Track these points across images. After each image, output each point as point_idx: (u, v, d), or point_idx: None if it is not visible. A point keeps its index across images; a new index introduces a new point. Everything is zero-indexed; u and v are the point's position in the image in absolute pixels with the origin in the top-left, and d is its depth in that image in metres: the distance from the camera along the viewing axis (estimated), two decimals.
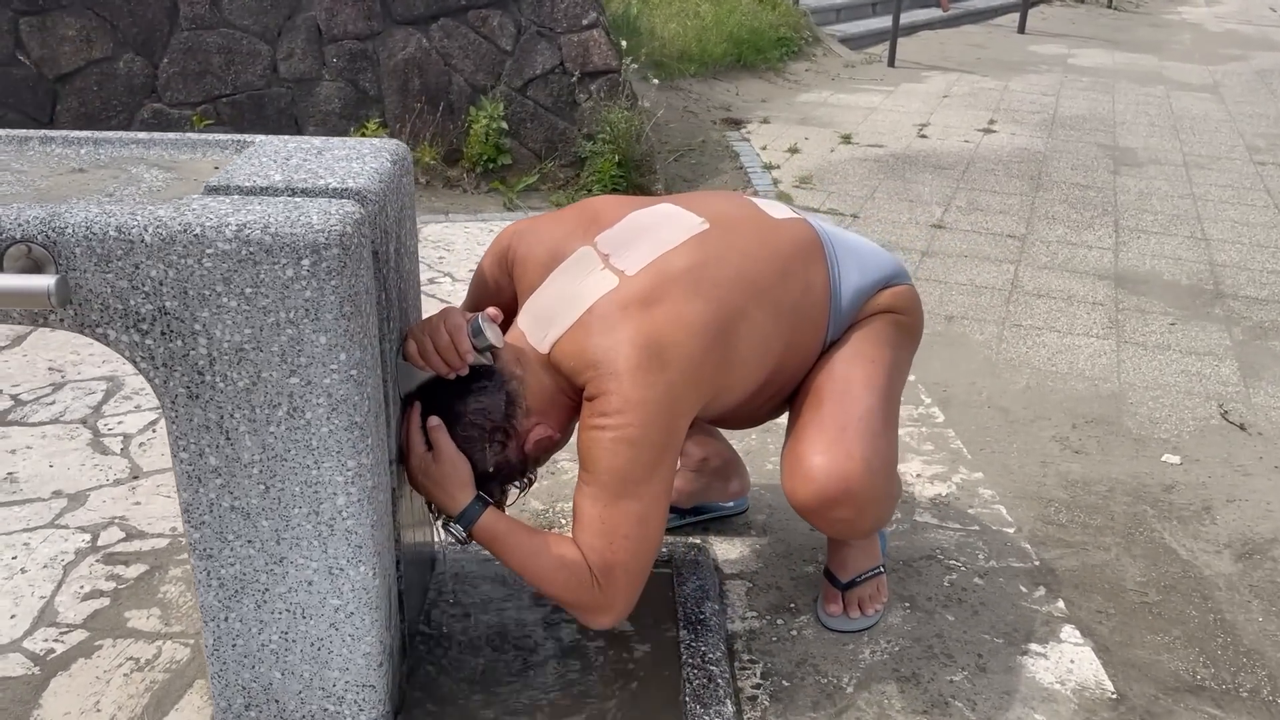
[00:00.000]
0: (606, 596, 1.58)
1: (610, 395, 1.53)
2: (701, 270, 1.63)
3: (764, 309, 1.66)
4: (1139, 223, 4.50)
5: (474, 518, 1.60)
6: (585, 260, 1.67)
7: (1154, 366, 3.12)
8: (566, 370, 1.60)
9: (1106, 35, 9.99)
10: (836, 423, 1.69)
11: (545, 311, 1.65)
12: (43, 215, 1.28)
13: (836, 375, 1.74)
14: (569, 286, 1.65)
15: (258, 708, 1.58)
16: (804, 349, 1.76)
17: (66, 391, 2.70)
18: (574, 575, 1.57)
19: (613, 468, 1.55)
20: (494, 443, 1.60)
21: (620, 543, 1.56)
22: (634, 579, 1.59)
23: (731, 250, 1.68)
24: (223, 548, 1.47)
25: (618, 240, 1.69)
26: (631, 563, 1.58)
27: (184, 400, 1.38)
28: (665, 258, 1.64)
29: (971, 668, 1.85)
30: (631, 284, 1.61)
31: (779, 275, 1.70)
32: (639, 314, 1.57)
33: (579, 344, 1.58)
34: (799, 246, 1.75)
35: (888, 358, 1.78)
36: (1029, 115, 6.47)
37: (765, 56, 7.25)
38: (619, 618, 1.62)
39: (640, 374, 1.53)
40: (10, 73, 4.31)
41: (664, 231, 1.69)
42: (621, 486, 1.55)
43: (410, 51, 4.63)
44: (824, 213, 4.49)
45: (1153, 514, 2.37)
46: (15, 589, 1.97)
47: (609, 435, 1.53)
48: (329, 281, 1.32)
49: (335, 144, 1.64)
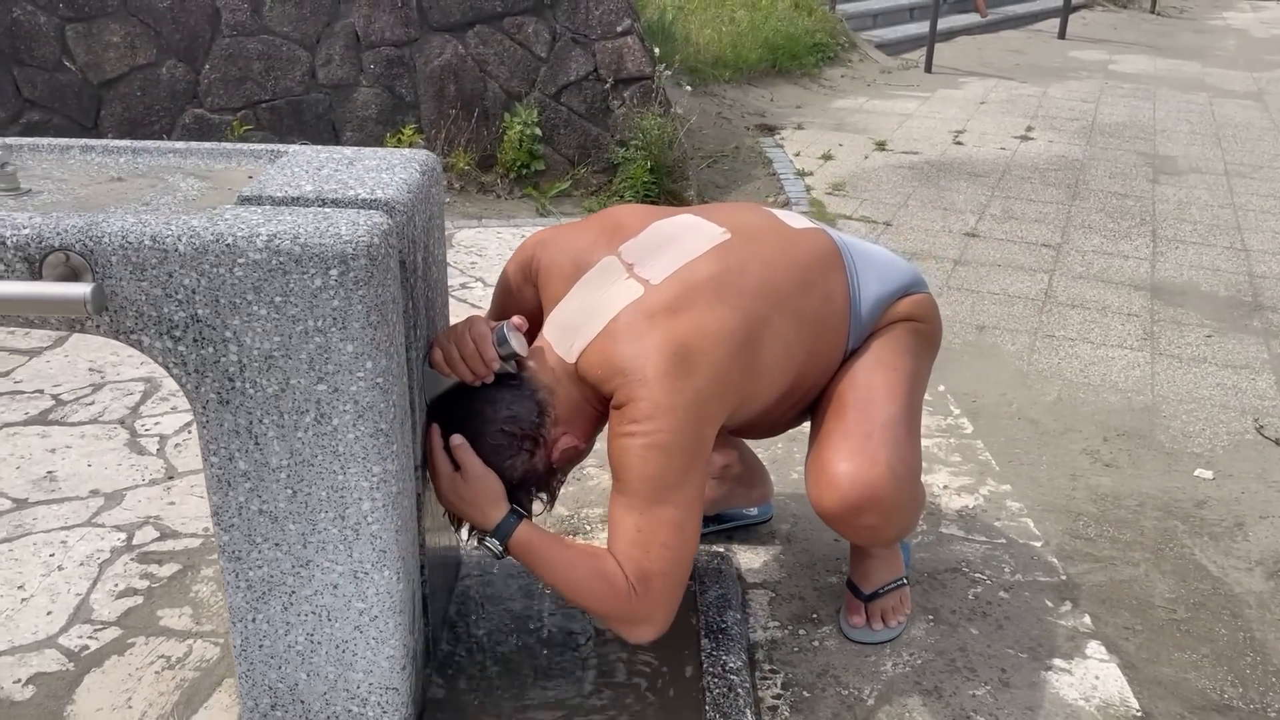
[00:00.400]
0: (646, 607, 1.56)
1: (639, 402, 1.54)
2: (724, 279, 1.64)
3: (786, 317, 1.67)
4: (1177, 232, 4.44)
5: (509, 532, 1.59)
6: (610, 270, 1.68)
7: (1189, 379, 3.09)
8: (593, 379, 1.62)
9: (1149, 41, 9.87)
10: (861, 430, 1.69)
11: (571, 321, 1.66)
12: (81, 224, 1.32)
13: (859, 383, 1.75)
14: (594, 296, 1.66)
15: (284, 708, 1.61)
16: (825, 358, 1.77)
17: (106, 392, 2.76)
18: (611, 586, 1.56)
19: (645, 475, 1.55)
20: (523, 451, 1.61)
21: (658, 550, 1.55)
22: (673, 587, 1.58)
23: (753, 259, 1.69)
24: (251, 550, 1.50)
25: (641, 250, 1.70)
26: (670, 570, 1.56)
27: (215, 405, 1.41)
28: (689, 267, 1.65)
29: (994, 682, 1.85)
30: (657, 293, 1.62)
31: (800, 284, 1.71)
32: (665, 322, 1.58)
33: (606, 352, 1.60)
34: (818, 256, 1.76)
35: (909, 365, 1.78)
36: (1067, 122, 6.41)
37: (801, 62, 7.24)
38: (660, 629, 1.59)
39: (669, 380, 1.54)
40: (56, 78, 4.40)
41: (687, 241, 1.70)
42: (656, 494, 1.55)
43: (446, 58, 4.68)
44: (856, 220, 4.48)
45: (1183, 529, 2.34)
46: (52, 586, 2.02)
47: (640, 443, 1.54)
48: (356, 291, 1.35)
49: (366, 154, 1.67)
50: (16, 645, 1.87)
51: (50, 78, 4.39)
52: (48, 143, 1.71)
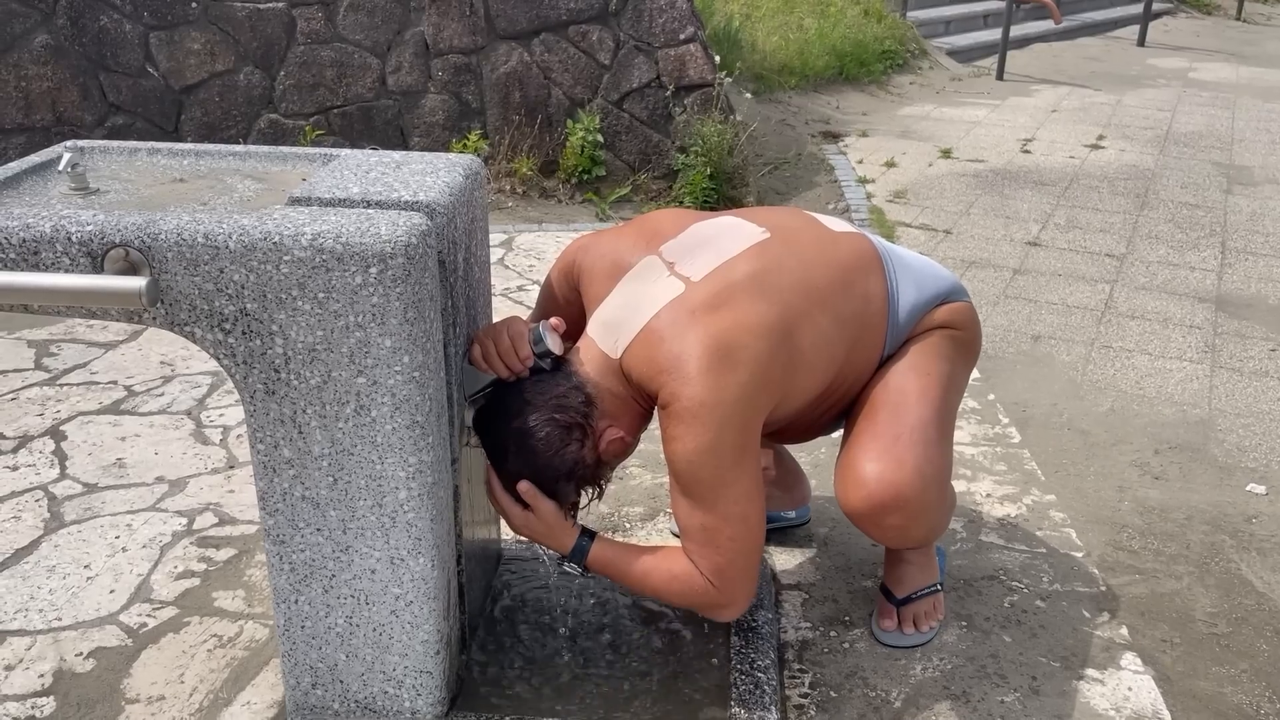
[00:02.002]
0: (724, 595, 1.66)
1: (683, 400, 1.58)
2: (764, 276, 1.68)
3: (826, 315, 1.70)
4: (1248, 244, 4.34)
5: (585, 553, 1.71)
6: (651, 268, 1.73)
7: (1249, 393, 3.03)
8: (638, 377, 1.66)
9: (1232, 49, 9.62)
10: (890, 432, 1.71)
11: (614, 318, 1.71)
12: (140, 222, 1.40)
13: (891, 387, 1.77)
14: (636, 293, 1.71)
15: (324, 687, 1.68)
16: (863, 359, 1.79)
17: (175, 384, 2.88)
18: (687, 585, 1.66)
19: (701, 478, 1.60)
20: (572, 440, 1.65)
21: (726, 544, 1.63)
22: (746, 571, 1.66)
23: (792, 258, 1.72)
24: (294, 534, 1.57)
25: (682, 249, 1.74)
26: (740, 559, 1.64)
27: (261, 395, 1.48)
28: (729, 264, 1.69)
29: (1024, 690, 1.85)
30: (697, 289, 1.66)
31: (840, 284, 1.74)
32: (706, 318, 1.62)
33: (649, 350, 1.64)
34: (858, 258, 1.78)
35: (943, 370, 1.79)
36: (1140, 131, 6.29)
37: (869, 70, 7.22)
38: (744, 608, 1.70)
39: (711, 376, 1.58)
40: (140, 84, 4.59)
41: (726, 240, 1.74)
42: (714, 493, 1.61)
43: (512, 65, 4.77)
44: (915, 228, 4.46)
45: (1231, 544, 2.31)
46: (116, 566, 2.13)
47: (690, 446, 1.58)
48: (394, 289, 1.41)
49: (414, 158, 1.74)
50: (80, 621, 1.97)
51: (134, 83, 4.58)
52: (118, 145, 1.81)
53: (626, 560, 1.72)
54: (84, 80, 4.53)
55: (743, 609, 1.70)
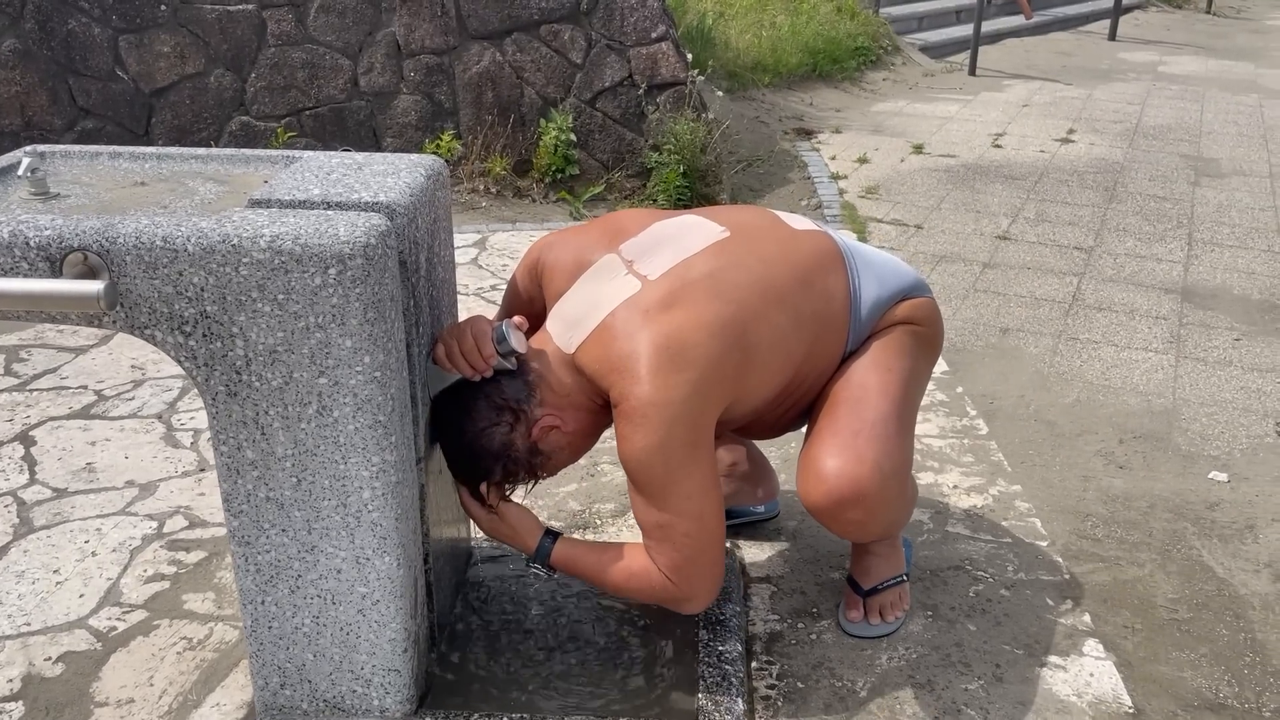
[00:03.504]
0: (683, 590, 1.69)
1: (633, 400, 1.60)
2: (721, 274, 1.70)
3: (785, 314, 1.72)
4: (1214, 235, 4.40)
5: (547, 552, 1.77)
6: (610, 266, 1.75)
7: (1212, 382, 3.07)
8: (590, 373, 1.68)
9: (1202, 42, 9.71)
10: (850, 428, 1.73)
11: (571, 314, 1.72)
12: (98, 226, 1.41)
13: (853, 383, 1.79)
14: (594, 291, 1.72)
15: (292, 687, 1.69)
16: (825, 357, 1.81)
17: (145, 388, 2.88)
18: (646, 582, 1.70)
19: (653, 477, 1.62)
20: (502, 423, 1.67)
21: (682, 541, 1.65)
22: (707, 567, 1.69)
23: (751, 257, 1.74)
24: (259, 535, 1.58)
25: (641, 248, 1.76)
26: (699, 555, 1.67)
27: (223, 398, 1.49)
28: (686, 263, 1.71)
29: (988, 677, 1.87)
30: (653, 288, 1.68)
31: (800, 283, 1.75)
32: (659, 317, 1.64)
33: (602, 348, 1.66)
34: (819, 257, 1.80)
35: (904, 366, 1.81)
36: (1110, 125, 6.35)
37: (842, 66, 7.25)
38: (707, 601, 1.73)
39: (661, 376, 1.60)
40: (110, 87, 4.57)
41: (686, 239, 1.76)
42: (666, 490, 1.63)
43: (484, 65, 4.77)
44: (887, 223, 4.50)
45: (1193, 531, 2.34)
46: (85, 570, 2.13)
47: (640, 445, 1.60)
48: (354, 289, 1.42)
49: (376, 159, 1.75)
50: (49, 625, 1.97)
51: (104, 86, 4.56)
52: (79, 149, 1.81)
53: (589, 560, 1.76)
54: (53, 84, 4.51)
55: (706, 602, 1.73)
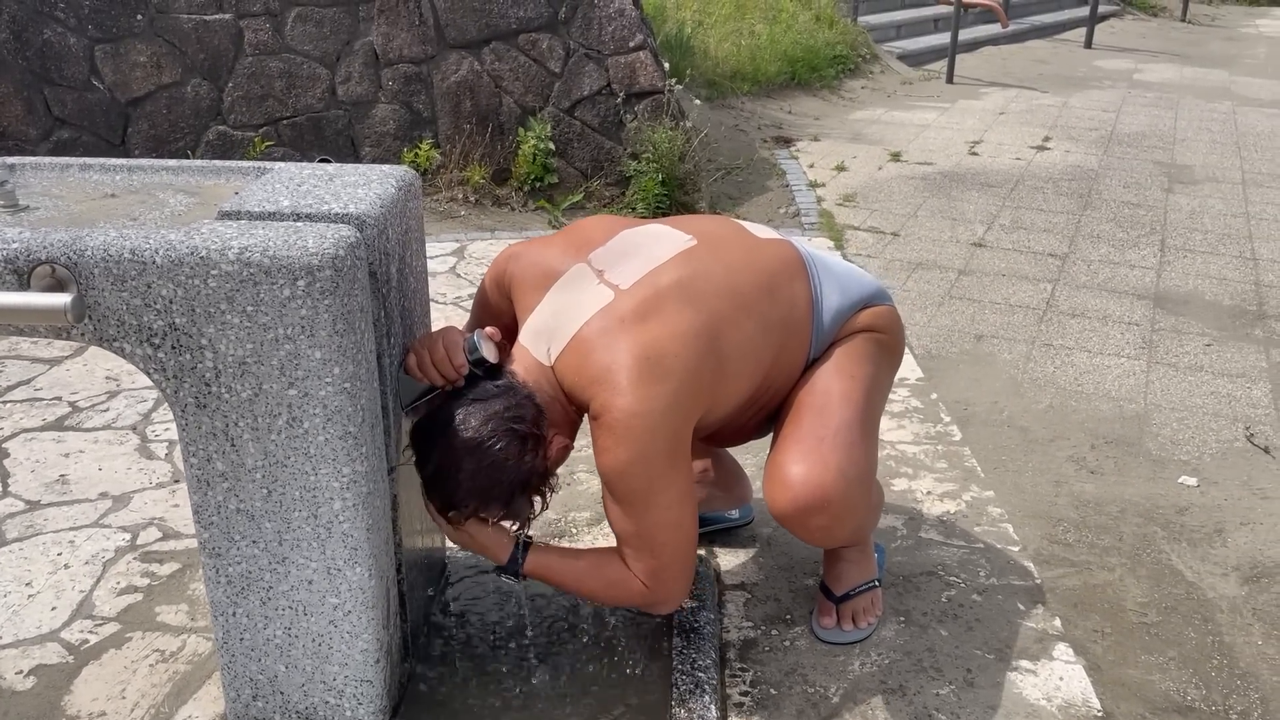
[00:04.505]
0: (660, 594, 1.73)
1: (615, 412, 1.61)
2: (690, 282, 1.71)
3: (751, 319, 1.74)
4: (1187, 242, 4.44)
5: (519, 563, 1.76)
6: (581, 276, 1.75)
7: (1183, 388, 3.10)
8: (569, 385, 1.68)
9: (1177, 50, 9.81)
10: (814, 435, 1.75)
11: (545, 326, 1.73)
12: (66, 238, 1.41)
13: (817, 390, 1.80)
14: (566, 301, 1.73)
15: (264, 698, 1.69)
16: (790, 362, 1.83)
17: (120, 400, 2.87)
18: (624, 589, 1.73)
19: (634, 488, 1.63)
20: (527, 451, 1.63)
21: (659, 549, 1.68)
22: (682, 572, 1.73)
23: (718, 264, 1.76)
24: (230, 547, 1.58)
25: (610, 257, 1.77)
26: (674, 562, 1.71)
27: (193, 409, 1.49)
28: (656, 272, 1.72)
29: (959, 682, 1.89)
30: (626, 298, 1.69)
31: (765, 290, 1.77)
32: (635, 327, 1.65)
33: (580, 359, 1.66)
34: (783, 264, 1.82)
35: (867, 373, 1.83)
36: (1086, 132, 6.40)
37: (820, 75, 7.29)
38: (679, 603, 1.80)
39: (642, 387, 1.61)
40: (86, 97, 4.55)
41: (654, 248, 1.78)
42: (646, 500, 1.64)
43: (463, 74, 4.78)
44: (864, 231, 4.52)
45: (1162, 535, 2.36)
46: (58, 583, 2.12)
47: (622, 457, 1.61)
48: (323, 301, 1.43)
49: (347, 170, 1.75)
50: (21, 638, 1.96)
51: (79, 96, 4.55)
52: (49, 161, 1.81)
53: (562, 568, 1.76)
54: (28, 94, 4.49)
55: (679, 603, 1.79)
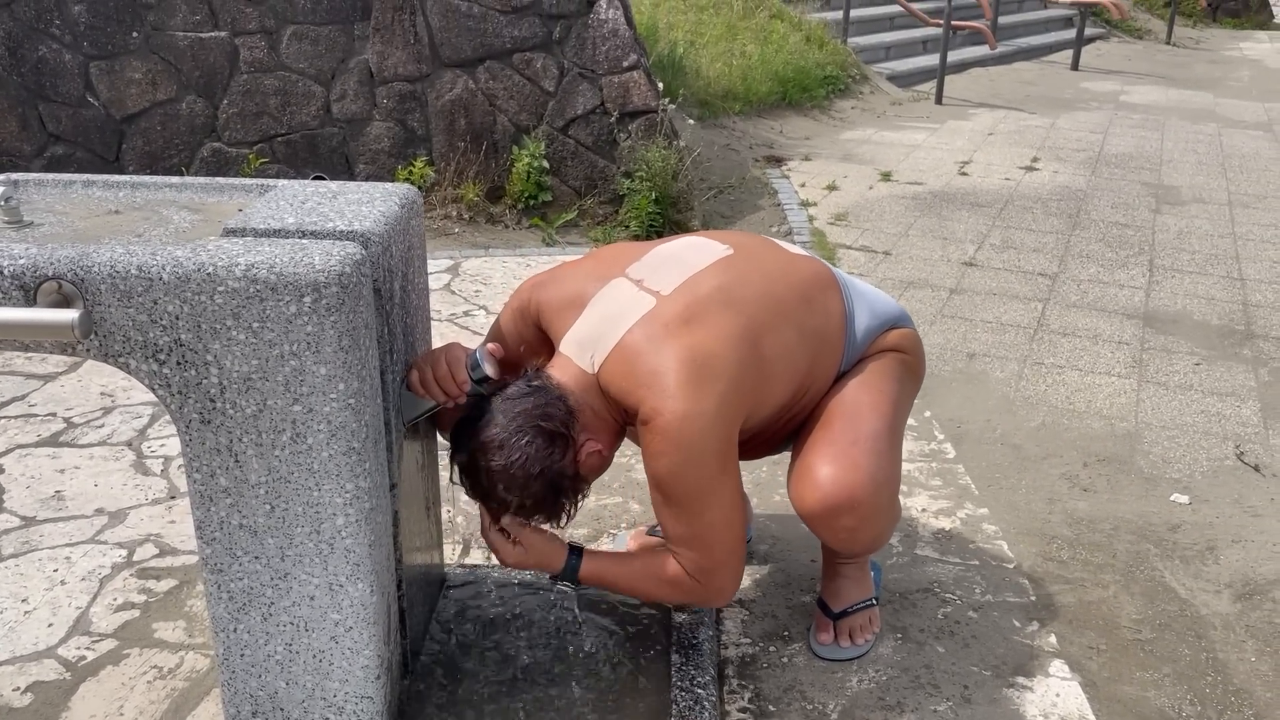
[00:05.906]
0: (714, 589, 1.76)
1: (665, 415, 1.63)
2: (731, 288, 1.75)
3: (790, 326, 1.78)
4: (1175, 262, 4.49)
5: (575, 569, 1.78)
6: (619, 287, 1.77)
7: (1173, 406, 3.13)
8: (615, 392, 1.70)
9: (1162, 72, 9.92)
10: (846, 438, 1.78)
11: (588, 335, 1.74)
12: (73, 255, 1.42)
13: (847, 400, 1.84)
14: (608, 311, 1.75)
15: (264, 715, 1.68)
16: (824, 373, 1.86)
17: (115, 415, 2.87)
18: (677, 587, 1.76)
19: (688, 490, 1.66)
20: (555, 450, 1.65)
21: (713, 548, 1.71)
22: (733, 568, 1.75)
23: (755, 272, 1.80)
24: (232, 563, 1.58)
25: (648, 267, 1.80)
26: (727, 558, 1.73)
27: (197, 425, 1.50)
28: (696, 278, 1.76)
29: (956, 698, 1.90)
30: (668, 303, 1.71)
31: (801, 299, 1.81)
32: (680, 331, 1.68)
33: (626, 365, 1.68)
34: (816, 276, 1.87)
35: (894, 390, 1.87)
36: (1074, 153, 6.47)
37: (811, 95, 7.34)
38: (733, 594, 1.80)
39: (691, 389, 1.63)
40: (80, 113, 4.56)
41: (691, 257, 1.82)
42: (699, 502, 1.67)
43: (457, 93, 4.80)
44: (856, 250, 4.55)
45: (1155, 553, 2.38)
46: (54, 599, 2.11)
47: (676, 460, 1.63)
48: (328, 317, 1.43)
49: (350, 188, 1.76)
50: (17, 655, 1.96)
51: (74, 113, 4.55)
52: (53, 178, 1.82)
53: (617, 570, 1.80)
54: (23, 110, 4.49)
55: (733, 595, 1.81)
